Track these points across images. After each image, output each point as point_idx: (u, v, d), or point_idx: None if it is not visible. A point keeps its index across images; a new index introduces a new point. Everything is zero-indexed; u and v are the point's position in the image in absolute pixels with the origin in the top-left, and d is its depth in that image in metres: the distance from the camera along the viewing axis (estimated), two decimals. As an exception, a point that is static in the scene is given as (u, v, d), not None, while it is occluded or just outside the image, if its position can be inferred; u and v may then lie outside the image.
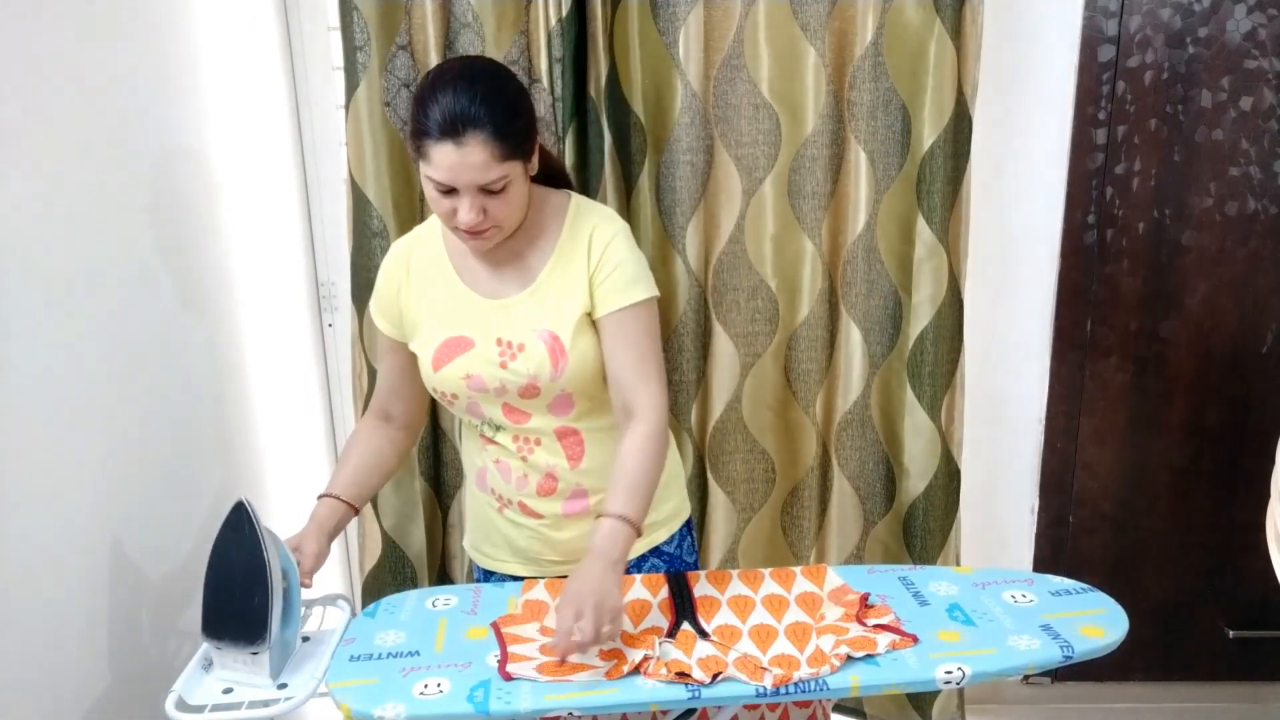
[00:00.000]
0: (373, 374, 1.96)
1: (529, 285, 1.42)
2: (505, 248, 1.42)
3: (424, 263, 1.48)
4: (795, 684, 1.23)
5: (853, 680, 1.25)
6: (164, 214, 1.64)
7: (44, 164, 1.33)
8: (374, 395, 1.58)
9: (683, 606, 1.39)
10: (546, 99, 1.85)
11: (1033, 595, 1.42)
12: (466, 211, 1.31)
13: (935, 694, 2.15)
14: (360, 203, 1.89)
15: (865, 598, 1.39)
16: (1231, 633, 2.32)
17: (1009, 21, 1.97)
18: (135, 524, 1.52)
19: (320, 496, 1.49)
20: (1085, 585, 1.45)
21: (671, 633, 1.34)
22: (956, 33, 1.83)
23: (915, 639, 1.31)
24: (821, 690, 1.24)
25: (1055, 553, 2.30)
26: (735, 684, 1.24)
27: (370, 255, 1.92)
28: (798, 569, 1.51)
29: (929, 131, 1.88)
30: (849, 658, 1.26)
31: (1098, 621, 1.35)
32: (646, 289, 1.42)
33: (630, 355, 1.40)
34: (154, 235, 1.61)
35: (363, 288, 1.93)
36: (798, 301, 2.02)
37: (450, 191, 1.31)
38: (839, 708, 2.28)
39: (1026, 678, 2.39)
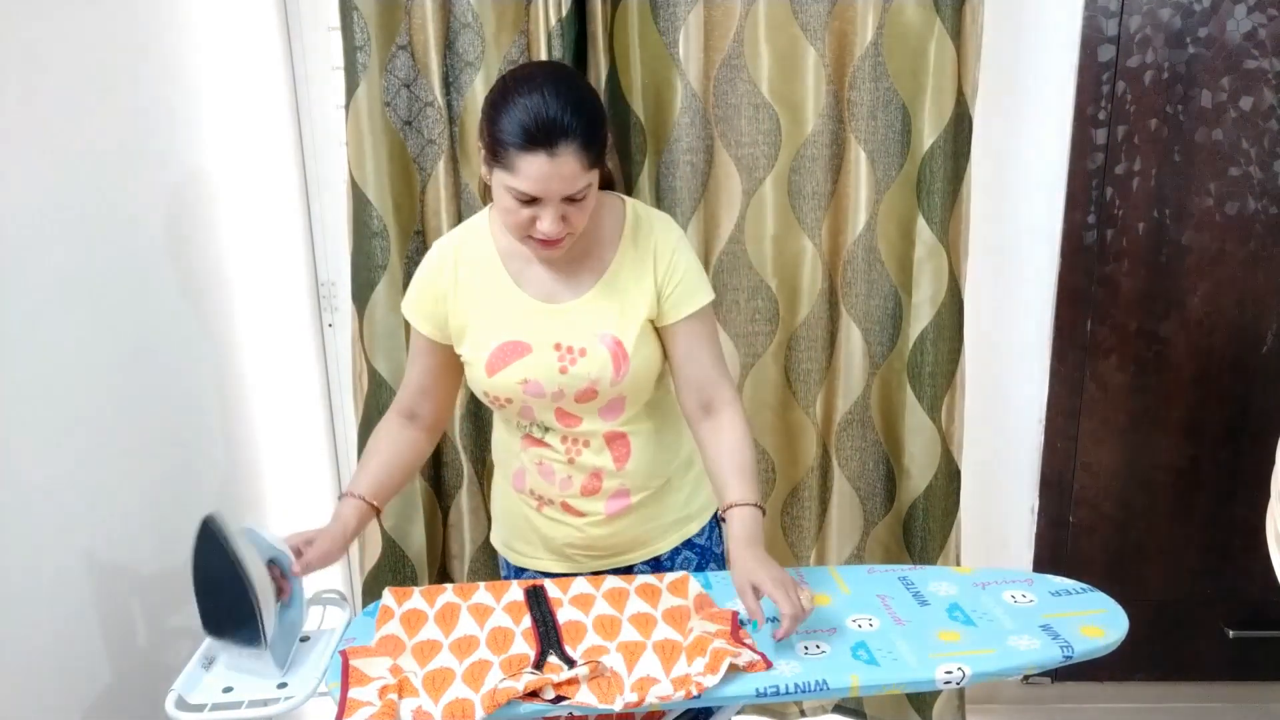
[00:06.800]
0: (373, 374, 1.96)
1: (587, 290, 1.41)
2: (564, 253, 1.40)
3: (473, 264, 1.43)
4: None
5: (853, 680, 1.25)
6: (163, 214, 1.64)
7: (43, 165, 1.33)
8: (401, 394, 1.53)
9: (547, 635, 1.34)
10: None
11: (1033, 595, 1.42)
12: (551, 222, 1.28)
13: (935, 694, 2.15)
14: (360, 203, 1.89)
15: (735, 614, 1.34)
16: (1231, 633, 2.32)
17: (1009, 21, 1.97)
18: (135, 523, 1.52)
19: (343, 496, 1.47)
20: (1085, 585, 1.45)
21: (539, 664, 1.29)
22: (956, 33, 1.83)
23: (769, 665, 1.26)
24: (821, 690, 1.24)
25: (1055, 553, 2.30)
26: (728, 685, 1.23)
27: (370, 255, 1.91)
28: (663, 585, 1.45)
29: (929, 131, 1.88)
30: (704, 687, 1.21)
31: (1098, 621, 1.35)
32: (708, 291, 1.45)
33: (708, 355, 1.45)
34: (154, 235, 1.61)
35: (363, 287, 1.93)
36: (798, 302, 2.02)
37: (530, 202, 1.27)
38: (839, 708, 2.28)
39: (1026, 678, 2.39)
